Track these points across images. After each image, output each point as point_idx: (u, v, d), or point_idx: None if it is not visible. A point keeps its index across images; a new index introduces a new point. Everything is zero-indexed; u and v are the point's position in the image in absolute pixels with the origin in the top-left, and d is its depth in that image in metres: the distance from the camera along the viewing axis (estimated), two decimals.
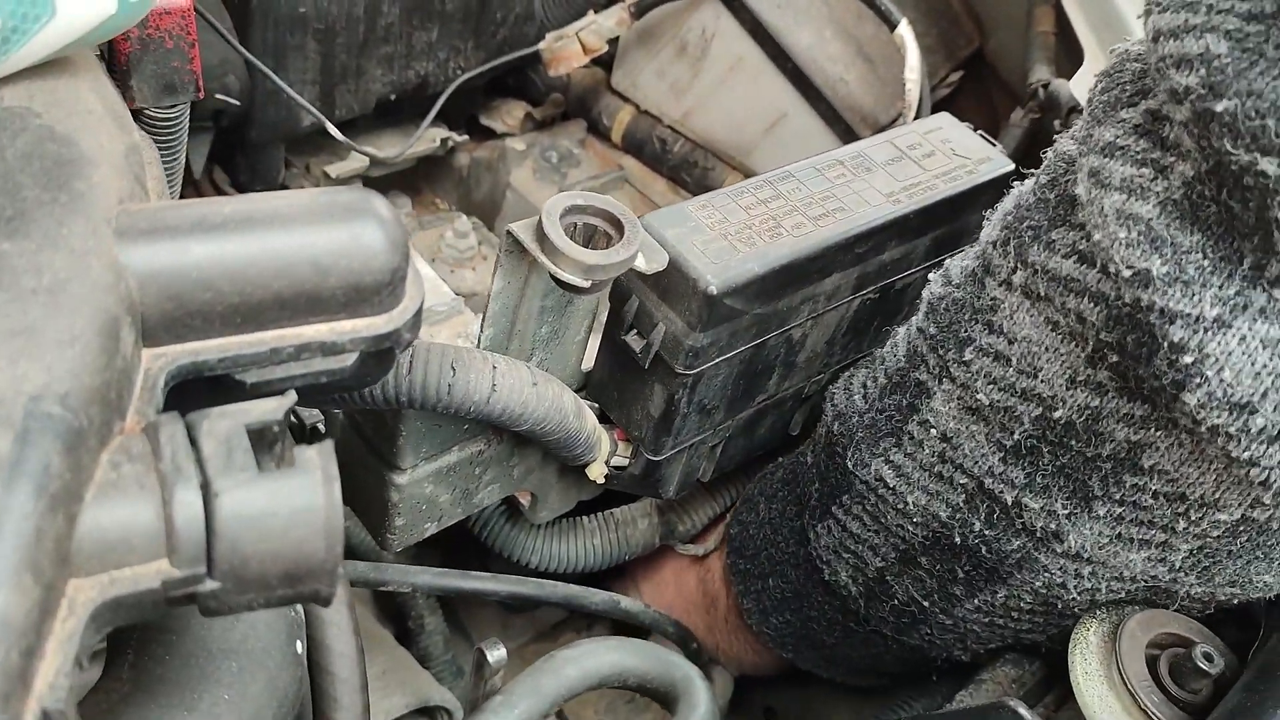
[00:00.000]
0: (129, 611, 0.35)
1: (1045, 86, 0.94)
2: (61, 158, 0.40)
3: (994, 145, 0.77)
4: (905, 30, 0.94)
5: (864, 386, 0.69)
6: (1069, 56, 1.01)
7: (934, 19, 1.14)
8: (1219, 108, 0.44)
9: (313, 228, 0.41)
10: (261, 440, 0.38)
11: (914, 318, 0.66)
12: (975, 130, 0.78)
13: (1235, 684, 0.54)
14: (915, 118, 0.95)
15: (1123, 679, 0.56)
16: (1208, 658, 0.55)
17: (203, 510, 0.35)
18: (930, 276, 0.65)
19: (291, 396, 0.39)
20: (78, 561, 0.34)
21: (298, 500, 0.36)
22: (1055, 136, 0.58)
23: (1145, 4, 0.50)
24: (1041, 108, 0.95)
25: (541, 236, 0.56)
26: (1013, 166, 0.75)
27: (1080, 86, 0.89)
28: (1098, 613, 0.59)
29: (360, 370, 0.45)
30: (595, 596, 0.81)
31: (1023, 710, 0.53)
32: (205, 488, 0.35)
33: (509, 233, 0.58)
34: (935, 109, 1.10)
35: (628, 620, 0.84)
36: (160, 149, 0.66)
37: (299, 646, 0.49)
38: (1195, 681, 0.56)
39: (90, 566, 0.34)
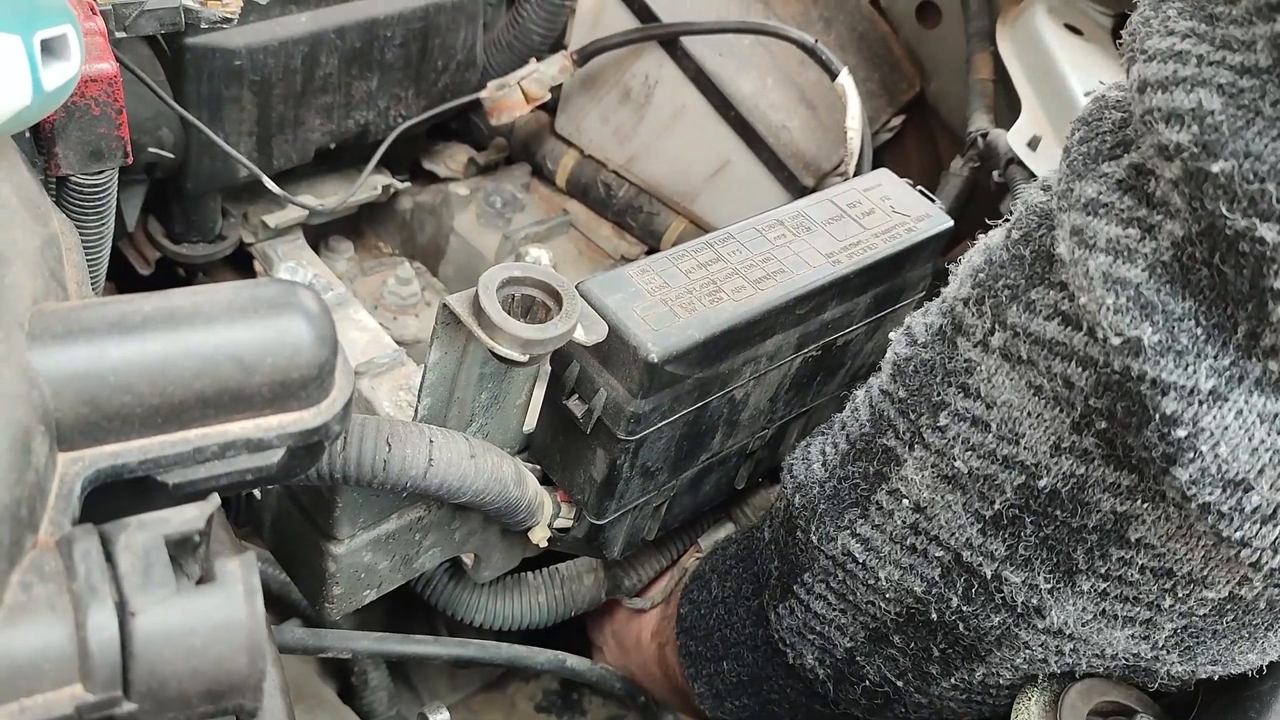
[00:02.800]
0: None
1: (983, 136, 0.95)
2: None
3: (933, 201, 0.77)
4: (846, 80, 0.95)
5: (823, 454, 0.65)
6: (1009, 103, 1.02)
7: (876, 63, 1.15)
8: (1214, 168, 0.41)
9: (236, 324, 0.40)
10: (183, 547, 0.37)
11: (875, 379, 0.63)
12: (914, 186, 0.78)
13: None
14: (856, 166, 0.96)
15: None
16: None
17: (118, 631, 0.34)
18: (892, 336, 0.62)
19: (214, 502, 0.38)
20: None
21: (218, 616, 0.35)
22: (1014, 201, 0.56)
23: (1127, 49, 0.46)
24: (980, 157, 0.96)
25: (478, 310, 0.56)
26: (951, 223, 0.76)
27: (1017, 138, 0.90)
28: (1039, 681, 0.59)
29: (288, 464, 0.44)
30: (540, 656, 0.80)
31: None
32: (121, 607, 0.34)
33: (445, 306, 0.57)
34: (878, 153, 1.11)
35: (575, 679, 0.84)
36: (87, 215, 0.65)
37: None
38: None
39: None
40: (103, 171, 0.63)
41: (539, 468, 0.72)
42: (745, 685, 0.73)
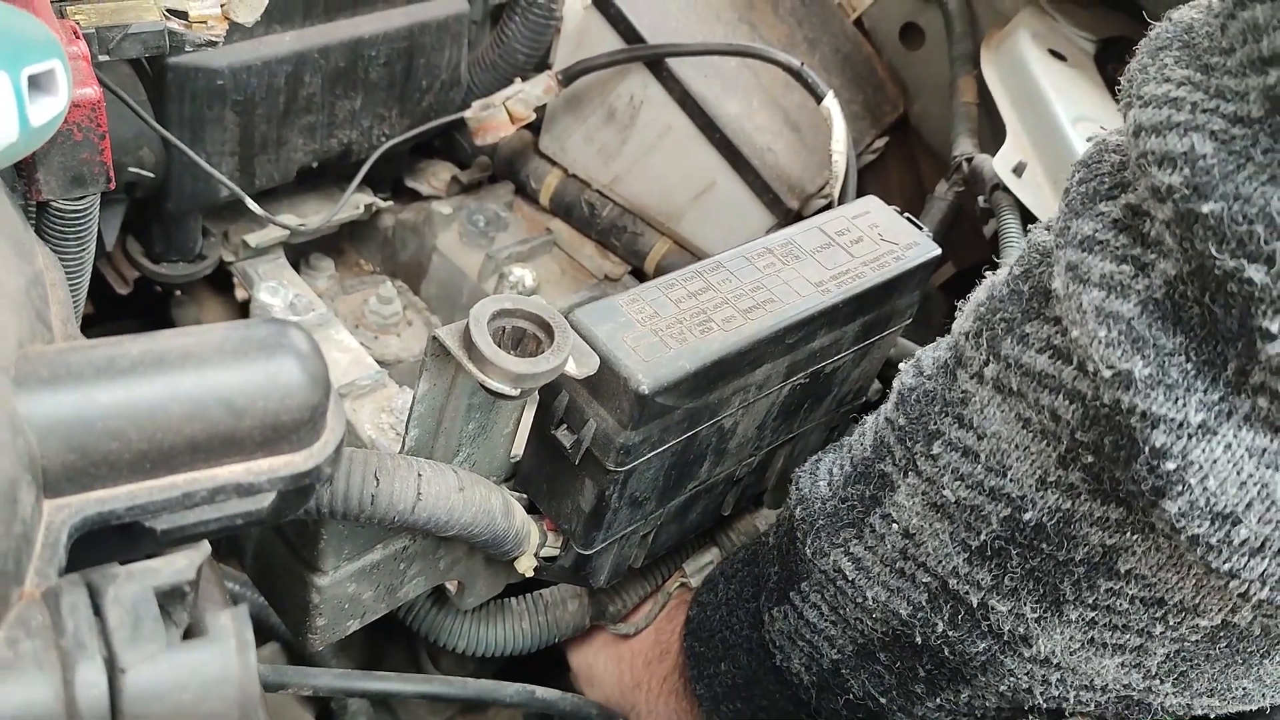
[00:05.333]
0: None
1: (969, 161, 0.95)
2: None
3: (920, 229, 0.77)
4: (831, 103, 0.95)
5: (829, 474, 0.67)
6: (992, 126, 1.03)
7: (860, 85, 1.15)
8: (1204, 209, 0.42)
9: (226, 367, 0.39)
10: (172, 598, 0.36)
11: (883, 407, 0.64)
12: (902, 213, 0.78)
13: None
14: (841, 189, 0.96)
15: None
16: None
17: (107, 688, 0.33)
18: (901, 367, 0.63)
19: (204, 550, 0.38)
20: None
21: (209, 672, 0.35)
22: (999, 226, 0.57)
23: (1125, 95, 0.48)
24: (964, 181, 0.96)
25: (469, 343, 0.55)
26: (939, 251, 0.76)
27: (1002, 164, 0.91)
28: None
29: (279, 507, 0.43)
30: (508, 689, 0.78)
31: None
32: (110, 663, 0.33)
33: (435, 339, 0.56)
34: (861, 175, 1.11)
35: (547, 711, 0.82)
36: (68, 240, 0.64)
37: None
38: None
39: None
40: (84, 197, 0.62)
41: (525, 496, 0.71)
42: (739, 689, 0.74)
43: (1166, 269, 0.46)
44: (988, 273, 0.60)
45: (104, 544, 0.39)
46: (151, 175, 0.84)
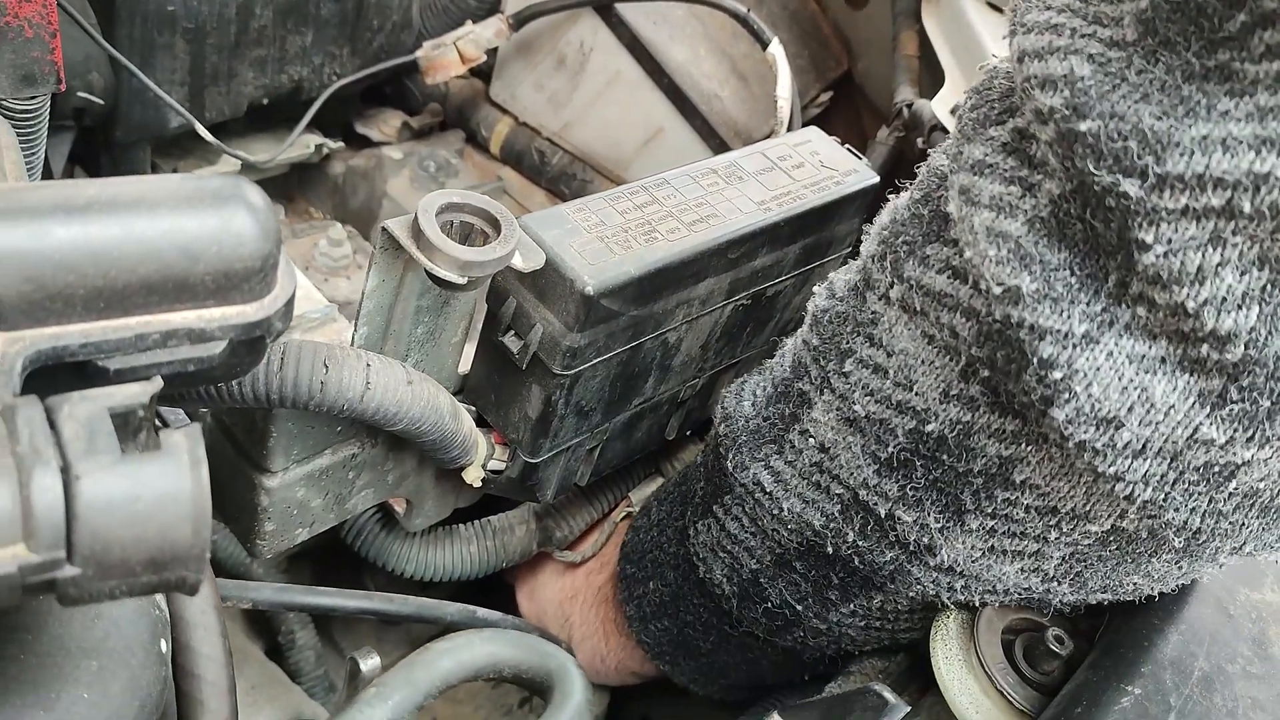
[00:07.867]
0: None
1: (909, 106, 0.98)
2: None
3: (860, 158, 0.80)
4: (776, 49, 0.97)
5: (753, 394, 0.69)
6: (932, 78, 1.06)
7: (805, 41, 1.17)
8: (1082, 128, 0.45)
9: (181, 212, 0.40)
10: (126, 426, 0.37)
11: (800, 330, 0.67)
12: (842, 144, 0.81)
13: (1083, 663, 0.57)
14: (786, 134, 0.98)
15: (980, 663, 0.58)
16: (1059, 640, 0.58)
17: (62, 494, 0.34)
18: (815, 290, 0.66)
19: (158, 382, 0.39)
20: None
21: (163, 484, 0.36)
22: (929, 152, 0.59)
23: (1010, 24, 0.50)
24: (905, 126, 0.99)
25: (417, 232, 0.56)
26: (877, 179, 0.78)
27: (941, 106, 0.94)
28: None
29: (230, 360, 0.44)
30: (448, 608, 0.79)
31: (886, 692, 0.55)
32: (65, 471, 0.34)
33: (384, 229, 0.58)
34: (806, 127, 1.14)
35: None
36: (19, 142, 0.64)
37: (163, 645, 0.47)
38: (1048, 663, 0.59)
39: None
40: (35, 97, 0.63)
41: (474, 409, 0.72)
42: (666, 606, 0.76)
43: (1051, 189, 0.48)
44: (891, 196, 0.62)
45: (58, 382, 0.40)
46: (101, 102, 0.84)
